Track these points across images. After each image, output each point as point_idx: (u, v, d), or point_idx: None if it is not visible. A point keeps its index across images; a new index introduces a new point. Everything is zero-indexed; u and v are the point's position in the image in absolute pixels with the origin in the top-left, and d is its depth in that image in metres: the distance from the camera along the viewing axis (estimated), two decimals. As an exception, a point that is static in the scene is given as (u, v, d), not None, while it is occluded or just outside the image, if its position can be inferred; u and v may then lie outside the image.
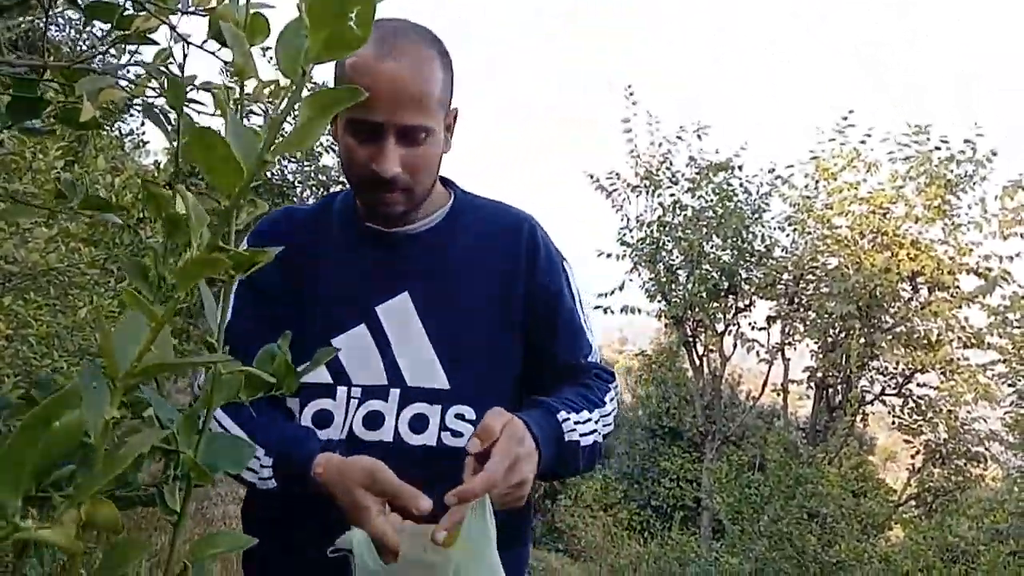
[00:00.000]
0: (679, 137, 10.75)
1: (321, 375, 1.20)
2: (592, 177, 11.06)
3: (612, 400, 1.29)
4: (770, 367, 10.74)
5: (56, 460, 0.49)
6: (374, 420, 1.19)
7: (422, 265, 1.26)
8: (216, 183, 0.53)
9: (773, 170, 10.66)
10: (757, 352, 10.47)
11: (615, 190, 11.02)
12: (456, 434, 1.20)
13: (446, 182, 1.35)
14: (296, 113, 0.53)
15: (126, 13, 1.00)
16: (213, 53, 0.93)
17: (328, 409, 1.20)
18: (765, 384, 11.19)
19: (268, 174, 8.73)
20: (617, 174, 11.00)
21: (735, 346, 10.81)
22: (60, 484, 0.68)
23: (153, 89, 1.03)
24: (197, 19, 0.98)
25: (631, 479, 13.99)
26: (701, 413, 11.16)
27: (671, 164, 10.83)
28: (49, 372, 2.87)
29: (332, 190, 8.90)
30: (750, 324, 10.90)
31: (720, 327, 10.81)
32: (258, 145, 0.54)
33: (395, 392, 1.20)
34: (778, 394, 11.15)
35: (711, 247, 10.59)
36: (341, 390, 1.20)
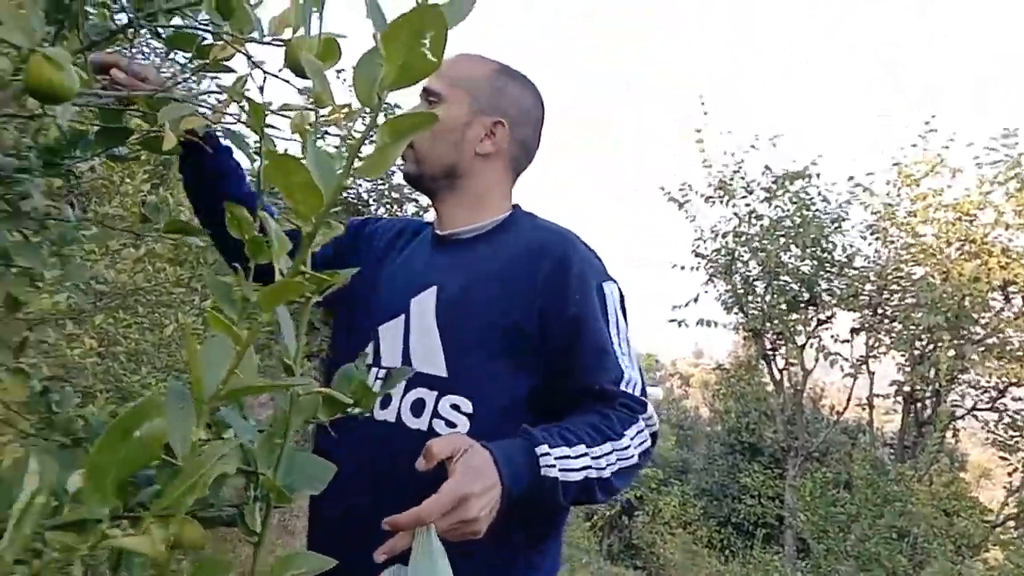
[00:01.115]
0: (752, 146, 10.55)
1: (369, 357, 1.33)
2: (663, 189, 10.95)
3: (638, 433, 1.22)
4: (854, 381, 10.38)
5: (138, 469, 0.50)
6: (386, 400, 1.27)
7: (454, 265, 1.36)
8: (296, 208, 0.54)
9: (852, 177, 10.36)
10: (841, 366, 10.12)
11: (687, 201, 10.87)
12: (449, 424, 1.23)
13: (516, 205, 1.46)
14: (374, 138, 0.54)
15: (205, 43, 1.03)
16: (288, 81, 0.95)
17: None
18: (849, 399, 10.82)
19: (344, 193, 8.88)
20: (689, 185, 10.86)
21: (816, 359, 10.47)
22: (146, 504, 0.70)
23: (232, 115, 1.05)
24: (272, 46, 1.00)
25: (710, 496, 13.72)
26: (783, 428, 10.86)
27: (745, 173, 10.63)
28: (138, 388, 2.98)
29: (405, 207, 9.03)
30: (832, 336, 10.57)
31: (801, 340, 10.51)
32: (336, 170, 0.54)
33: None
34: (863, 409, 10.78)
35: (789, 257, 10.33)
36: (374, 371, 1.31)
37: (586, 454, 1.14)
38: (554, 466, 1.10)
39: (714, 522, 12.78)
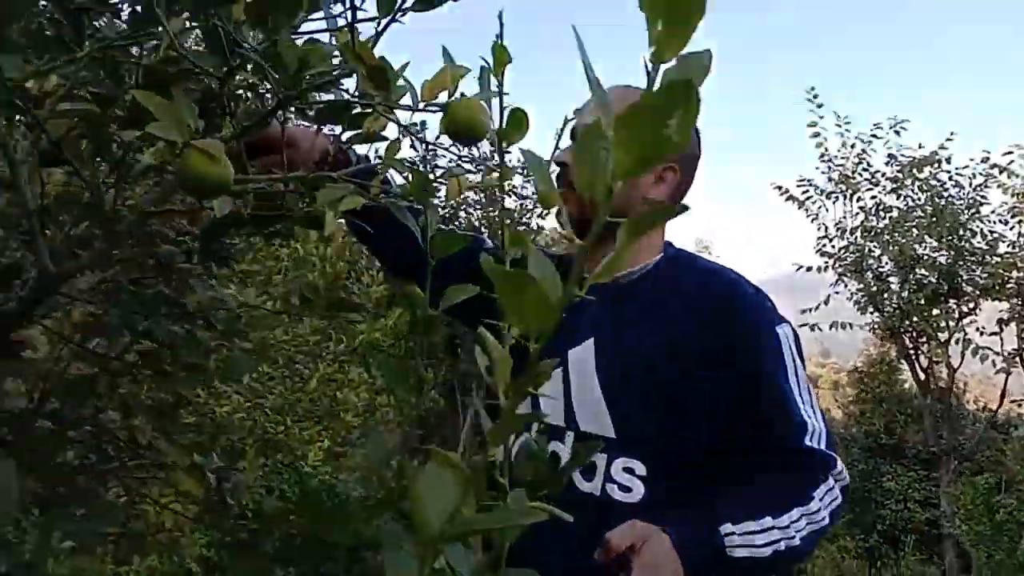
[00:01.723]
0: (874, 135, 9.98)
1: (525, 409, 1.28)
2: (781, 188, 10.45)
3: (828, 492, 1.15)
4: (1007, 376, 9.61)
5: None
6: None
7: (611, 314, 1.28)
8: (521, 323, 0.47)
9: (987, 159, 9.66)
10: (993, 361, 9.38)
11: (808, 198, 10.35)
12: (623, 488, 1.19)
13: (668, 243, 1.38)
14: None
15: (355, 112, 0.99)
16: (448, 149, 0.89)
17: None
18: (1003, 395, 10.04)
19: (456, 222, 8.99)
20: (809, 181, 10.33)
21: (963, 355, 9.73)
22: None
23: (395, 187, 1.01)
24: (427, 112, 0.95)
25: (851, 502, 13.06)
26: (931, 431, 10.17)
27: (869, 164, 10.07)
28: (283, 438, 3.03)
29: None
30: (978, 329, 9.84)
31: (943, 336, 9.82)
32: (560, 281, 0.47)
33: (570, 435, 1.23)
34: (1019, 405, 10.00)
35: (924, 249, 9.70)
36: (534, 426, 1.26)
37: (773, 526, 1.10)
38: (740, 545, 1.08)
39: (858, 530, 12.13)
